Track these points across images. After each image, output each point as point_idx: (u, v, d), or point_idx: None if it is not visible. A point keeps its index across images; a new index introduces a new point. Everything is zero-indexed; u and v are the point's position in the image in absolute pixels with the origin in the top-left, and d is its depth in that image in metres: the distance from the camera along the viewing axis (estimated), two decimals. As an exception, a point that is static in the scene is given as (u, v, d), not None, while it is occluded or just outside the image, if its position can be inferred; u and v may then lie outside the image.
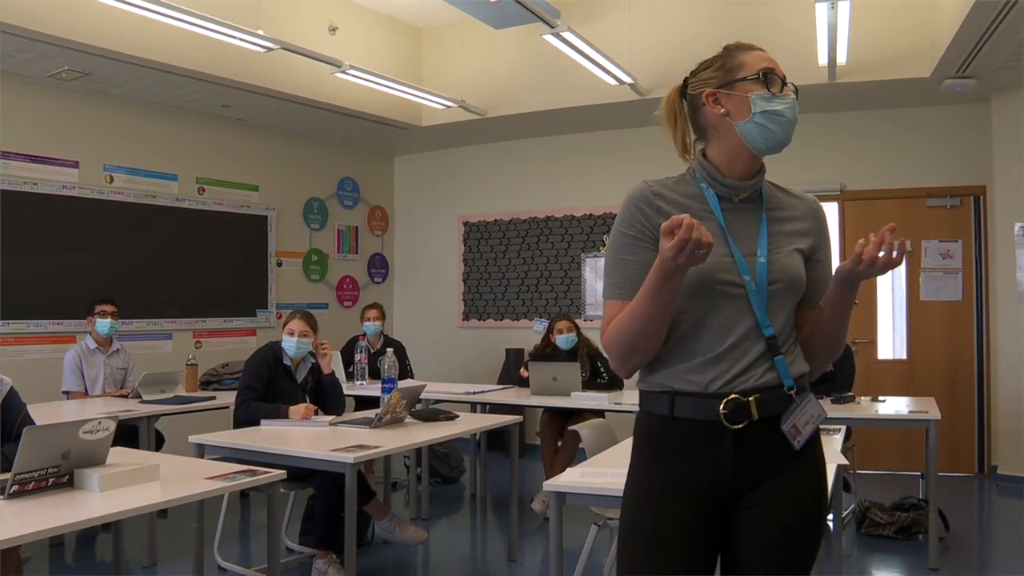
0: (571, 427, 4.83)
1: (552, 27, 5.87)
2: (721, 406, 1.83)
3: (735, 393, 1.83)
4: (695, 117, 1.99)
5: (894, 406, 5.33)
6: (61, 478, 2.84)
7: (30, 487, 2.74)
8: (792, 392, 1.88)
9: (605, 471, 3.11)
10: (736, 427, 1.83)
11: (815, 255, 1.97)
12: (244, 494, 5.98)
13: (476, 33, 7.69)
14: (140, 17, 5.36)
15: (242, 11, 6.12)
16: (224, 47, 6.01)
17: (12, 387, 3.41)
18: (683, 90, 2.01)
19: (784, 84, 1.93)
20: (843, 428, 4.10)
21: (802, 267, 1.93)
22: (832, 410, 5.06)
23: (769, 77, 1.91)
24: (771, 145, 1.91)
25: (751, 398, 1.84)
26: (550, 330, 6.57)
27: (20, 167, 6.49)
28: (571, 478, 3.05)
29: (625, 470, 1.98)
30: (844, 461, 3.25)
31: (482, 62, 7.97)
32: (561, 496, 2.97)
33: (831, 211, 7.78)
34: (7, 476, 2.72)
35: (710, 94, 1.93)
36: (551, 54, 6.64)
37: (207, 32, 5.59)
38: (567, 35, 5.96)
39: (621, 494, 1.96)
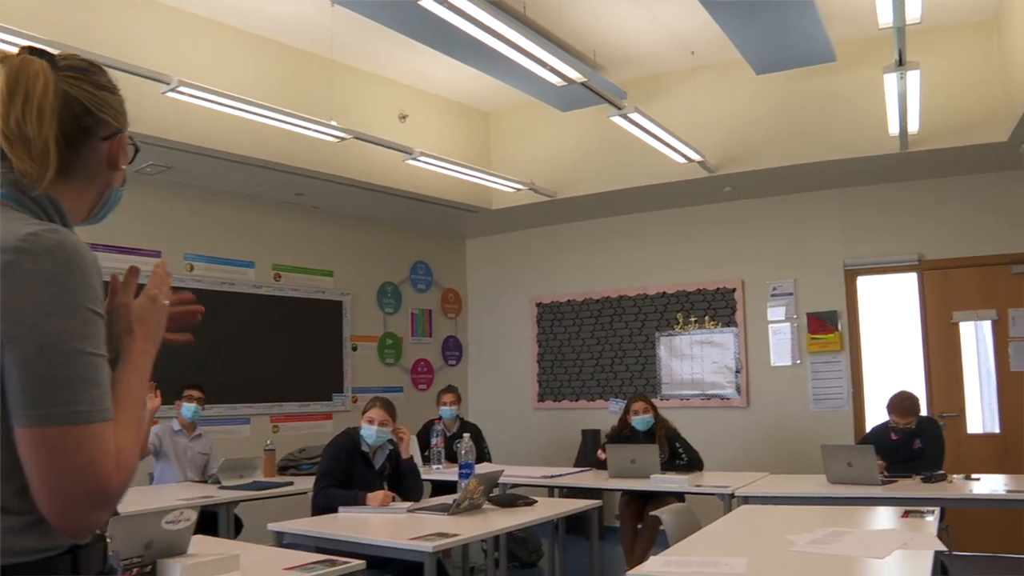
0: (652, 512, 4.72)
1: (619, 108, 5.92)
2: None
3: None
4: (78, 143, 1.37)
5: (989, 484, 5.10)
6: (144, 568, 2.84)
7: (114, 578, 2.75)
8: None
9: (690, 559, 3.01)
10: None
11: None
12: (322, 581, 5.93)
13: (543, 116, 7.79)
14: (220, 113, 5.56)
15: (315, 103, 6.32)
16: (298, 138, 6.17)
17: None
18: (55, 76, 1.34)
19: None
20: (936, 509, 3.92)
21: None
22: (923, 490, 4.87)
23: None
24: (98, 223, 1.52)
25: None
26: (626, 411, 6.49)
27: (107, 258, 6.69)
28: (655, 567, 2.95)
29: (711, 558, 1.88)
30: (942, 547, 3.09)
31: (550, 144, 8.06)
32: (645, 584, 2.88)
33: (909, 282, 7.60)
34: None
35: (128, 138, 1.47)
36: (618, 134, 6.68)
37: (283, 124, 5.76)
38: (634, 116, 6.00)
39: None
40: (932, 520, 3.69)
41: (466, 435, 5.20)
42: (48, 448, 1.17)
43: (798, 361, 7.93)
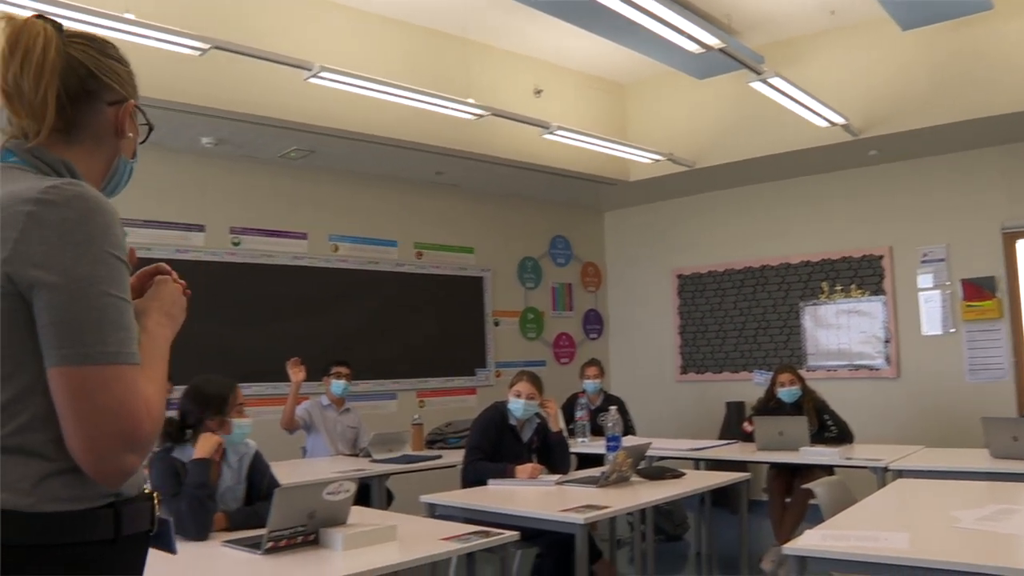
0: (804, 485, 4.62)
1: (758, 73, 5.77)
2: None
3: None
4: (82, 105, 1.43)
5: None
6: (308, 536, 2.98)
7: (282, 544, 2.90)
8: None
9: (848, 534, 2.94)
10: None
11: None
12: (471, 552, 6.06)
13: (679, 85, 7.67)
14: (360, 96, 5.70)
15: (452, 82, 6.40)
16: (437, 117, 6.26)
17: (257, 450, 3.63)
18: (59, 38, 1.40)
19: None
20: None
21: None
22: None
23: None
24: (111, 196, 1.50)
25: None
26: (773, 383, 6.37)
27: (257, 241, 6.98)
28: (812, 541, 2.89)
29: (870, 532, 1.82)
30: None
31: (687, 113, 7.93)
32: (802, 560, 2.83)
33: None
34: (262, 532, 2.91)
35: (135, 106, 1.51)
36: (756, 100, 6.51)
37: (422, 105, 5.87)
38: (775, 80, 5.84)
39: (867, 559, 1.78)
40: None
41: (612, 408, 5.20)
42: (79, 387, 1.22)
43: (952, 330, 7.60)
